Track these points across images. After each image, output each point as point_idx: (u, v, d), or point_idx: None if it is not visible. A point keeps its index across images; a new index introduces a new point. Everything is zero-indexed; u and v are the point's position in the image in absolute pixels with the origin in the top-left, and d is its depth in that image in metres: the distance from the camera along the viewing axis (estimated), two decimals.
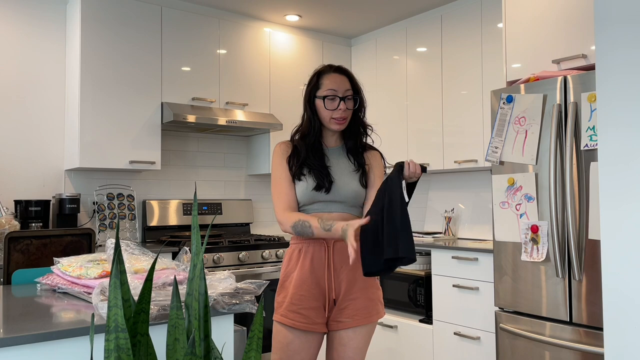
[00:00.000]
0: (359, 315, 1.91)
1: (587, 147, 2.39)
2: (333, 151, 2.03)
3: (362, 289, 1.93)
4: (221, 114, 3.74)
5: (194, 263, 1.18)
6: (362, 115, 2.06)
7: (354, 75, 2.04)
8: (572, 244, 2.39)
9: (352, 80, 2.02)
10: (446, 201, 4.06)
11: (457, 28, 3.74)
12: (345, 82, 1.99)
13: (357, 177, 1.99)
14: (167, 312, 1.28)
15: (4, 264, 2.32)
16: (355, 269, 1.90)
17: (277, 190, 1.98)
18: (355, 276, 1.92)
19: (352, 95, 1.99)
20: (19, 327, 1.25)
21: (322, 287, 1.90)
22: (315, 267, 1.91)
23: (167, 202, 3.86)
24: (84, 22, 3.34)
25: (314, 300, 1.89)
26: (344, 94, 1.96)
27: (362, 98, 2.03)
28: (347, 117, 1.98)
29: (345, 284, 1.91)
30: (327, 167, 1.97)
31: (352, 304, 1.91)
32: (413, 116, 4.04)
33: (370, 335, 1.97)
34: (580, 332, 2.40)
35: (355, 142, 2.04)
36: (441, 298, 3.35)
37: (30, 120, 3.47)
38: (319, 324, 1.91)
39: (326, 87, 1.97)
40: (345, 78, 2.00)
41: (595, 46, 1.70)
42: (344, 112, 1.96)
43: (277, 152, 2.03)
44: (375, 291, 1.99)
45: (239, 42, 3.98)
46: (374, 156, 2.08)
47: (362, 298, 1.92)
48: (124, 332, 1.06)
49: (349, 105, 1.98)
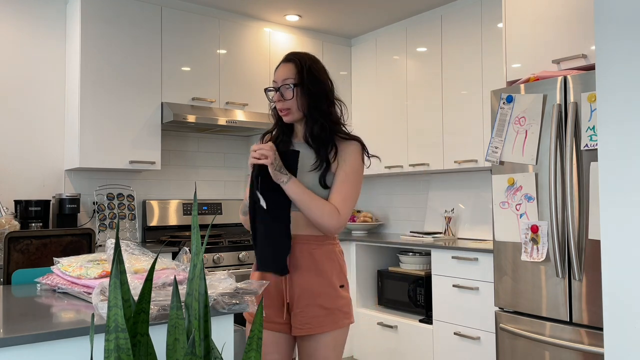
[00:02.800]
0: (311, 323, 1.78)
1: (587, 147, 2.39)
2: (300, 146, 1.89)
3: (314, 296, 1.79)
4: (221, 114, 3.74)
5: (194, 263, 1.18)
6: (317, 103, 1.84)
7: (304, 61, 1.86)
8: (572, 244, 2.39)
9: (297, 67, 1.84)
10: (446, 201, 4.06)
11: (457, 28, 3.74)
12: (288, 71, 1.84)
13: (316, 175, 1.82)
14: (167, 312, 1.28)
15: (4, 264, 2.32)
16: (310, 276, 1.80)
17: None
18: (308, 283, 1.79)
19: (289, 84, 1.83)
20: (19, 327, 1.25)
21: (279, 288, 1.81)
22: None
23: (167, 202, 3.85)
24: (84, 22, 3.34)
25: (268, 298, 1.80)
26: (282, 83, 1.84)
27: (307, 86, 1.82)
28: (288, 108, 1.84)
29: (298, 290, 1.79)
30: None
31: (304, 311, 1.79)
32: (413, 116, 4.04)
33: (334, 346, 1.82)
34: (580, 332, 2.40)
35: (310, 134, 1.85)
36: (441, 298, 3.35)
37: (30, 120, 3.47)
38: (278, 324, 1.82)
39: (272, 79, 1.92)
40: (288, 66, 1.86)
41: (595, 46, 1.70)
42: (281, 103, 1.84)
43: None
44: (333, 300, 1.81)
45: (239, 42, 3.98)
46: (349, 148, 1.86)
47: (314, 306, 1.78)
48: (124, 332, 1.06)
49: (286, 95, 1.83)
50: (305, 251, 1.82)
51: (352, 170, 1.84)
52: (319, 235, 1.84)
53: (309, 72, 1.84)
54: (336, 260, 1.87)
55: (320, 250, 1.83)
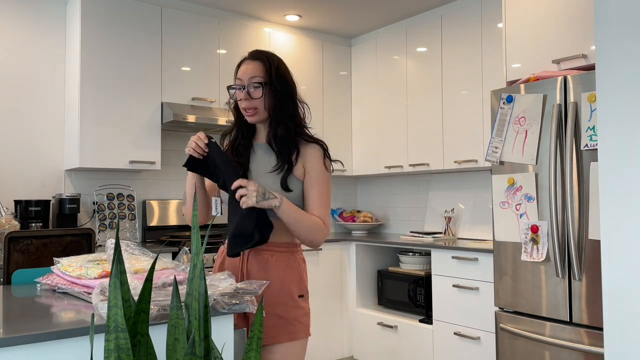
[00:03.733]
0: (266, 333, 1.67)
1: (587, 147, 2.39)
2: (260, 147, 1.83)
3: (270, 306, 1.69)
4: (221, 114, 3.74)
5: (194, 263, 1.18)
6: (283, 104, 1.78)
7: (272, 60, 1.80)
8: (572, 244, 2.39)
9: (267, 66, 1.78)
10: (446, 201, 4.06)
11: (457, 28, 3.74)
12: (255, 69, 1.77)
13: (277, 177, 1.75)
14: (167, 312, 1.28)
15: (4, 264, 2.32)
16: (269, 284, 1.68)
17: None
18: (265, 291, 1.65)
19: (258, 82, 1.75)
20: (19, 327, 1.25)
21: None
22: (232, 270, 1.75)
23: (167, 202, 3.85)
24: (84, 22, 3.34)
25: None
26: (249, 81, 1.75)
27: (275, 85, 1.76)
28: (255, 107, 1.76)
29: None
30: (246, 163, 1.79)
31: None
32: (413, 116, 4.04)
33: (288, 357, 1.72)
34: (581, 332, 2.40)
35: (274, 134, 1.77)
36: (441, 298, 3.35)
37: (30, 120, 3.47)
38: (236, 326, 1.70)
39: (236, 77, 1.81)
40: (256, 64, 1.78)
41: (595, 46, 1.70)
42: (247, 102, 1.76)
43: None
44: (290, 310, 1.73)
45: (239, 42, 3.98)
46: (311, 151, 1.78)
47: (271, 315, 1.68)
48: (124, 332, 1.06)
49: (254, 95, 1.75)
50: (262, 259, 1.75)
51: (323, 178, 1.78)
52: (280, 242, 1.76)
53: (277, 71, 1.79)
54: (296, 268, 1.78)
55: (278, 258, 1.76)
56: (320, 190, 1.77)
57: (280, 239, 1.77)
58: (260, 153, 1.83)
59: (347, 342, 4.02)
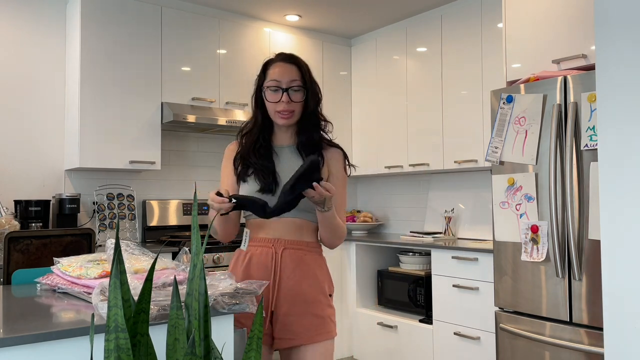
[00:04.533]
0: (304, 333, 1.69)
1: (587, 147, 2.39)
2: (284, 150, 1.84)
3: (308, 304, 1.71)
4: (221, 114, 3.74)
5: (194, 263, 1.18)
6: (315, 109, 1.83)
7: (305, 66, 1.83)
8: (572, 244, 2.39)
9: (303, 71, 1.80)
10: (446, 201, 4.06)
11: (457, 28, 3.74)
12: (292, 72, 1.78)
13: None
14: (167, 312, 1.28)
15: (4, 264, 2.32)
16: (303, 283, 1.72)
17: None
18: (302, 290, 1.71)
19: (299, 86, 1.77)
20: (19, 327, 1.25)
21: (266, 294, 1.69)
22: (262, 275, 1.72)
23: (167, 202, 3.85)
24: (83, 22, 3.34)
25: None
26: (289, 84, 1.76)
27: (313, 90, 1.81)
28: (293, 111, 1.77)
29: (289, 297, 1.70)
30: (272, 166, 1.78)
31: (296, 320, 1.70)
32: (413, 116, 4.04)
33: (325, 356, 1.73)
34: (581, 332, 2.40)
35: (308, 139, 1.81)
36: (441, 298, 3.35)
37: (30, 120, 3.47)
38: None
39: (270, 78, 1.79)
40: (292, 68, 1.79)
41: (595, 46, 1.70)
42: (287, 104, 1.76)
43: (225, 154, 1.90)
44: (325, 308, 1.75)
45: (239, 42, 3.98)
46: (334, 155, 1.85)
47: (308, 314, 1.70)
48: (124, 332, 1.06)
49: (295, 98, 1.77)
50: (297, 256, 1.75)
51: (343, 182, 1.85)
52: (309, 242, 1.79)
53: (310, 77, 1.83)
54: (325, 267, 1.83)
55: (312, 257, 1.78)
56: (341, 194, 1.82)
57: (310, 238, 1.80)
58: (284, 156, 1.83)
59: (347, 342, 4.02)
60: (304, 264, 1.75)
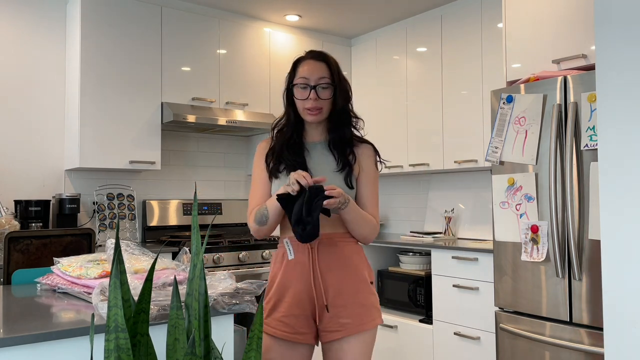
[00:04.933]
0: (350, 323, 1.71)
1: (587, 147, 2.39)
2: (315, 146, 1.85)
3: (352, 294, 1.73)
4: (221, 114, 3.74)
5: (194, 263, 1.18)
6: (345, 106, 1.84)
7: (334, 63, 1.84)
8: (572, 244, 2.39)
9: (331, 68, 1.81)
10: (446, 201, 4.06)
11: (457, 28, 3.74)
12: (321, 70, 1.79)
13: (341, 176, 1.79)
14: (167, 312, 1.28)
15: (4, 264, 2.32)
16: (344, 273, 1.74)
17: (250, 193, 1.86)
18: (343, 281, 1.74)
19: (327, 83, 1.79)
20: (19, 327, 1.25)
21: (310, 293, 1.72)
22: (300, 272, 1.74)
23: (167, 202, 3.86)
24: (84, 22, 3.34)
25: (298, 307, 1.72)
26: (317, 82, 1.77)
27: (342, 87, 1.82)
28: (321, 108, 1.78)
29: (332, 290, 1.72)
30: (304, 163, 1.79)
31: (342, 311, 1.72)
32: (413, 116, 4.04)
33: (369, 344, 1.76)
34: (581, 332, 2.40)
35: (339, 136, 1.83)
36: (441, 298, 3.35)
37: (30, 120, 3.47)
38: (304, 335, 1.73)
39: (299, 75, 1.80)
40: (321, 65, 1.80)
41: (595, 46, 1.70)
42: (315, 101, 1.77)
43: (257, 151, 1.90)
44: (368, 296, 1.78)
45: (239, 42, 3.98)
46: (365, 151, 1.87)
47: (354, 304, 1.73)
48: (124, 332, 1.06)
49: (323, 95, 1.78)
50: (333, 248, 1.76)
51: (375, 178, 1.88)
52: (344, 233, 1.79)
53: (339, 74, 1.84)
54: (363, 255, 1.84)
55: (349, 247, 1.79)
56: (372, 190, 1.86)
57: (344, 229, 1.80)
58: (316, 153, 1.84)
59: None
60: (341, 255, 1.76)
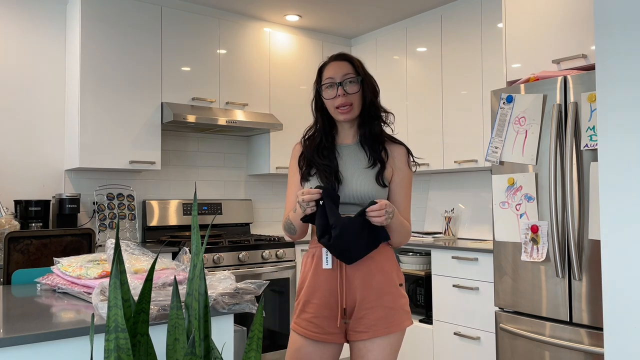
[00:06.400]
0: (377, 325, 1.72)
1: (587, 147, 2.39)
2: (348, 148, 1.85)
3: (379, 297, 1.74)
4: (221, 114, 3.74)
5: (194, 263, 1.18)
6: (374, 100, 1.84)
7: (358, 60, 1.85)
8: (572, 244, 2.39)
9: (355, 65, 1.83)
10: (446, 201, 4.06)
11: (457, 28, 3.74)
12: (345, 68, 1.81)
13: (372, 174, 1.79)
14: (167, 312, 1.28)
15: (4, 264, 2.32)
16: (371, 277, 1.74)
17: (286, 196, 1.89)
18: (370, 284, 1.74)
19: (353, 77, 1.80)
20: (19, 327, 1.25)
21: (336, 295, 1.74)
22: (328, 275, 1.75)
23: (167, 202, 3.86)
24: (84, 22, 3.34)
25: (327, 309, 1.75)
26: (343, 78, 1.79)
27: (368, 81, 1.83)
28: (351, 103, 1.79)
29: (360, 293, 1.73)
30: (335, 165, 1.79)
31: (368, 313, 1.73)
32: (413, 116, 4.04)
33: (394, 347, 1.77)
34: (581, 332, 2.40)
35: (370, 132, 1.83)
36: (441, 298, 3.35)
37: (30, 120, 3.47)
38: (333, 334, 1.76)
39: (325, 77, 1.83)
40: (345, 63, 1.83)
41: (595, 46, 1.70)
42: (344, 97, 1.78)
43: (292, 154, 1.92)
44: (397, 299, 1.78)
45: (239, 42, 3.98)
46: (398, 152, 1.85)
47: (380, 307, 1.73)
48: (124, 332, 1.06)
49: (351, 89, 1.79)
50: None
51: (409, 180, 1.87)
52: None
53: (364, 69, 1.85)
54: (392, 257, 1.83)
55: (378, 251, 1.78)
56: (406, 193, 1.87)
57: None
58: (346, 154, 1.84)
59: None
60: (369, 258, 1.75)
